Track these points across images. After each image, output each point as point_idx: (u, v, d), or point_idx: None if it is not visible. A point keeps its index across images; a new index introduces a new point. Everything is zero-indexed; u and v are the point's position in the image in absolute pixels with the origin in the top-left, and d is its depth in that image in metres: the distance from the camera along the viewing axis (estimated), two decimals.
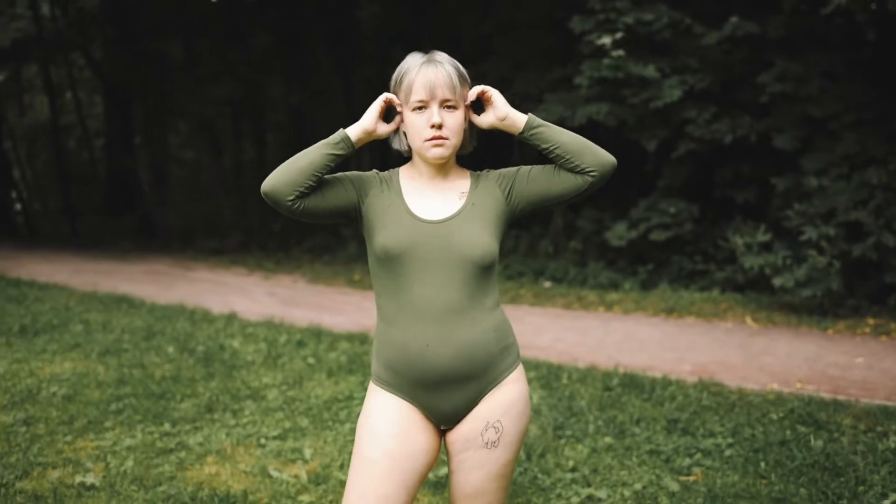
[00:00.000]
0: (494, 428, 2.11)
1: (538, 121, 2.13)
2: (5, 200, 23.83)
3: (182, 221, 19.73)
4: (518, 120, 2.11)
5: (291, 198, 2.04)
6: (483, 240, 2.07)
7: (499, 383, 2.12)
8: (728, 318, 8.10)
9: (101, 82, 22.39)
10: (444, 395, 2.09)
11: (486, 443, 2.11)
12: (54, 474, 3.98)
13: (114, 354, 6.61)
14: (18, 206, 24.46)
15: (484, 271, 2.08)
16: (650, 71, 9.40)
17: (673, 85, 9.48)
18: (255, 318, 8.32)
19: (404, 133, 2.16)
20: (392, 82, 2.14)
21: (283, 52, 17.50)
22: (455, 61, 2.12)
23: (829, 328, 7.44)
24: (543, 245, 12.00)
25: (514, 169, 2.21)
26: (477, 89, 2.12)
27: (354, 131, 2.09)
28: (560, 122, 10.32)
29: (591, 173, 2.11)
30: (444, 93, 2.05)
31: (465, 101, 2.12)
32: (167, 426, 4.73)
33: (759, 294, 8.95)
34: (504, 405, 2.12)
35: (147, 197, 19.45)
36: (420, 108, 2.06)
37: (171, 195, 21.21)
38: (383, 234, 2.07)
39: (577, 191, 2.13)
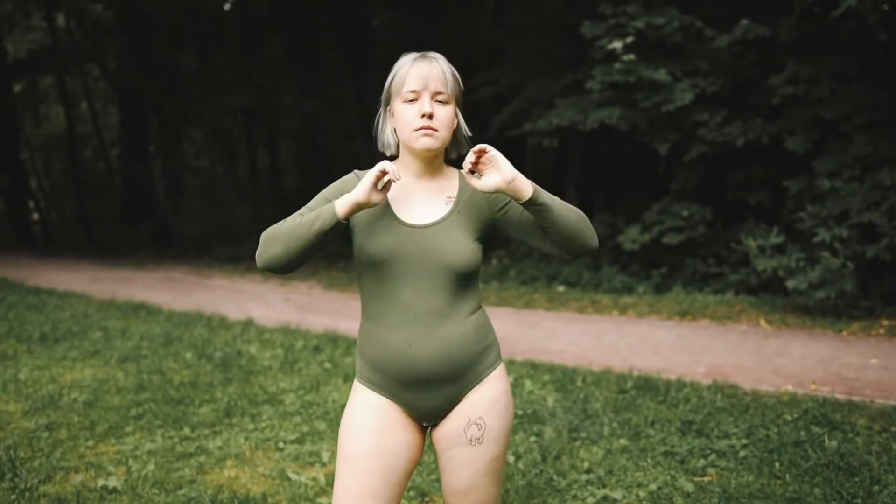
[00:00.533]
0: (477, 425, 2.14)
1: (543, 196, 2.03)
2: (23, 210, 24.06)
3: (197, 229, 19.87)
4: (524, 186, 2.00)
5: (287, 270, 2.08)
6: (465, 248, 2.10)
7: (480, 381, 2.16)
8: (742, 321, 8.11)
9: (116, 92, 22.60)
10: (426, 394, 2.13)
11: (470, 439, 2.14)
12: (77, 478, 4.06)
13: (133, 361, 6.70)
14: (36, 216, 24.70)
15: (465, 277, 2.11)
16: (661, 75, 9.43)
17: (684, 88, 9.51)
18: (271, 325, 8.40)
19: (394, 129, 2.16)
20: (386, 84, 2.16)
21: (296, 60, 17.62)
22: (448, 63, 2.14)
23: (844, 330, 7.43)
24: None
25: (498, 197, 2.17)
26: (476, 148, 2.00)
27: (344, 208, 2.00)
28: (572, 127, 10.43)
29: (569, 253, 2.12)
30: (436, 85, 2.07)
31: (456, 101, 2.14)
32: (187, 431, 4.80)
33: (772, 296, 8.95)
34: (486, 402, 2.16)
35: (162, 205, 19.55)
36: (412, 99, 2.08)
37: (186, 203, 21.34)
38: (369, 240, 2.09)
39: (545, 251, 2.15)
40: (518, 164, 2.02)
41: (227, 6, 19.67)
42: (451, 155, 2.22)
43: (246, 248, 16.36)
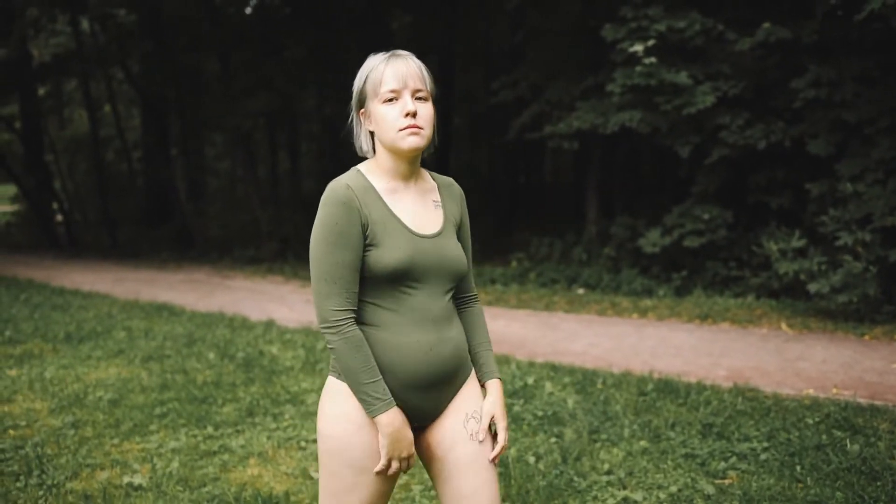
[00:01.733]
0: (475, 419, 2.18)
1: (496, 374, 2.30)
2: (47, 212, 24.31)
3: (219, 231, 19.99)
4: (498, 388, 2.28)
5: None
6: (462, 254, 2.18)
7: (467, 379, 2.23)
8: (763, 324, 8.07)
9: (138, 96, 22.81)
10: (437, 394, 2.14)
11: (471, 434, 2.16)
12: (103, 475, 4.12)
13: (156, 360, 6.78)
14: (60, 218, 24.94)
15: (459, 282, 2.21)
16: (682, 78, 9.41)
17: (706, 91, 9.48)
18: (292, 325, 8.46)
19: (371, 133, 2.13)
20: (356, 88, 2.11)
21: (316, 63, 17.72)
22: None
23: (866, 334, 7.38)
24: (577, 252, 12.02)
25: (465, 213, 2.28)
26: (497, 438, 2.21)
27: (379, 424, 2.04)
28: (593, 129, 10.48)
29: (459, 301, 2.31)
30: (415, 83, 2.03)
31: (432, 98, 2.10)
32: (210, 429, 4.85)
33: (794, 300, 8.90)
34: (474, 397, 2.21)
35: (184, 207, 19.70)
36: (391, 99, 2.03)
37: (207, 206, 21.49)
38: (387, 252, 2.04)
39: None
40: (538, 167, 2.04)
41: (248, 10, 19.82)
42: (425, 154, 2.18)
43: (267, 249, 16.47)
